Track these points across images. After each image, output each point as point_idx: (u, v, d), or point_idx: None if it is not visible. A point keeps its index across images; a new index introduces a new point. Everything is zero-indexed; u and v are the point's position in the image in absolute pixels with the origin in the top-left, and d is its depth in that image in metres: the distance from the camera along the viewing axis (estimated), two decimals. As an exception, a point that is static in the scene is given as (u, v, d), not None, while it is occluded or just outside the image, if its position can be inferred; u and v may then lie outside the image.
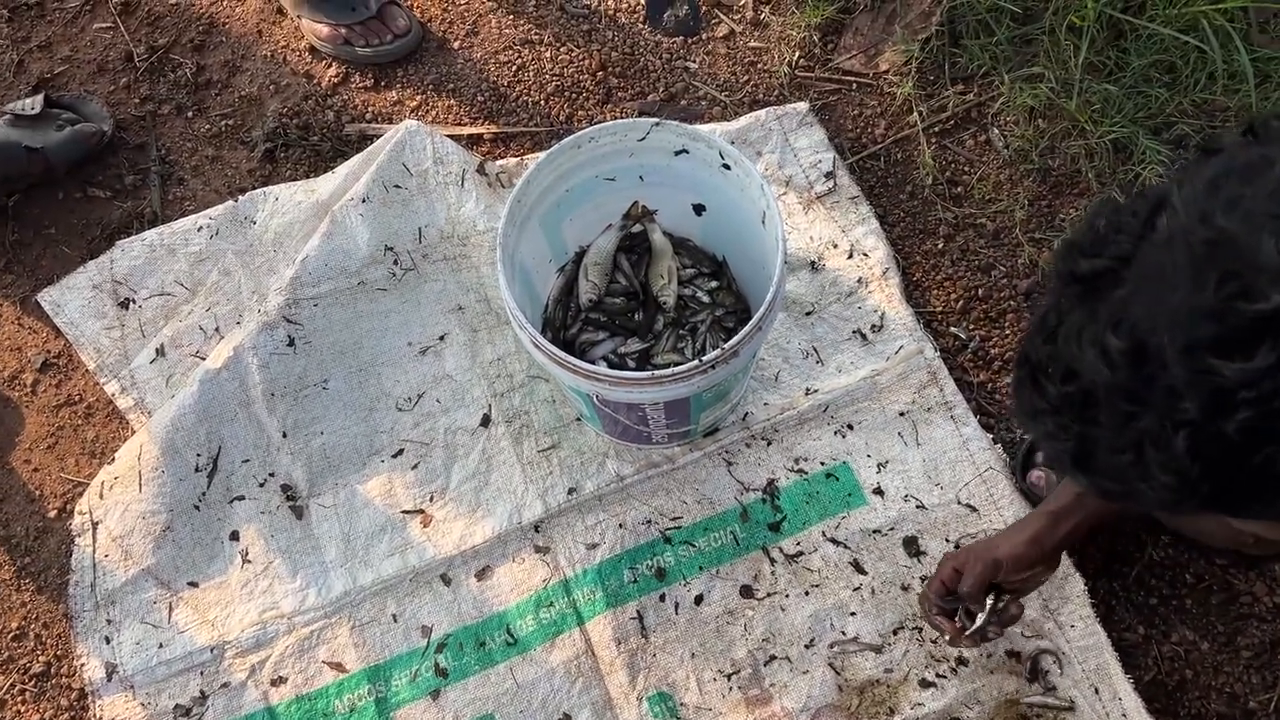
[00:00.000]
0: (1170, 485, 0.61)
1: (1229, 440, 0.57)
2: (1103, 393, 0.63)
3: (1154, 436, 0.60)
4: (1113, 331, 0.61)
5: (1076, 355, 0.64)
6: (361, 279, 1.63)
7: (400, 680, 1.45)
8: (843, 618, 1.46)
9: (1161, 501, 0.64)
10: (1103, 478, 0.67)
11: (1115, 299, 0.63)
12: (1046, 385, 0.68)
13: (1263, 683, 1.41)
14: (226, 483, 1.55)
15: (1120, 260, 0.64)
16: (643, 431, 1.47)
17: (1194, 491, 0.61)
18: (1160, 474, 0.61)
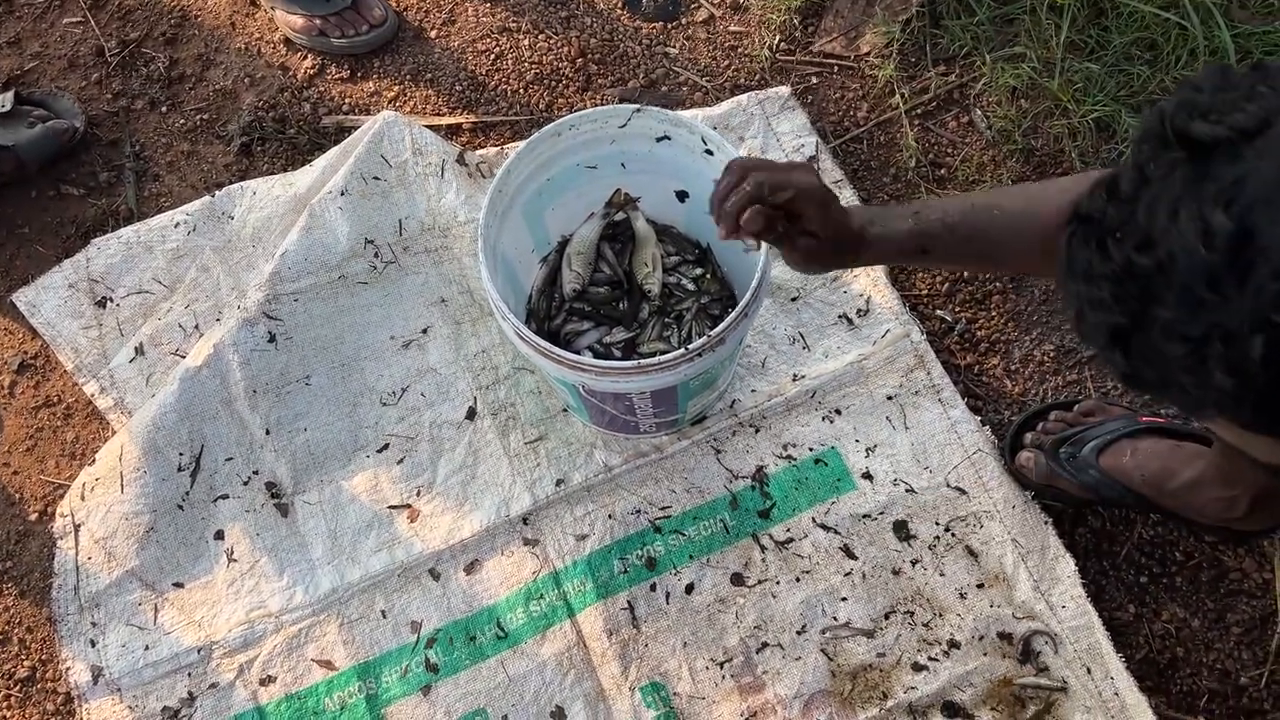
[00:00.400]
0: (1225, 388, 0.56)
1: None
2: (1184, 271, 0.57)
3: (1227, 333, 0.55)
4: (1222, 209, 0.55)
5: (1164, 225, 0.58)
6: (342, 273, 1.61)
7: (390, 677, 1.44)
8: (834, 603, 1.46)
9: (1200, 400, 0.59)
10: (1143, 362, 0.62)
11: (1228, 175, 0.56)
12: (1113, 249, 0.61)
13: (1253, 658, 1.41)
14: (210, 482, 1.53)
15: (1243, 133, 0.57)
16: (630, 421, 1.46)
17: (1245, 399, 0.56)
18: (1218, 372, 0.56)
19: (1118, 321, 0.62)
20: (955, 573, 1.46)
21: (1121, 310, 0.61)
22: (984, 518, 1.49)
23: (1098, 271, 0.62)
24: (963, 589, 1.45)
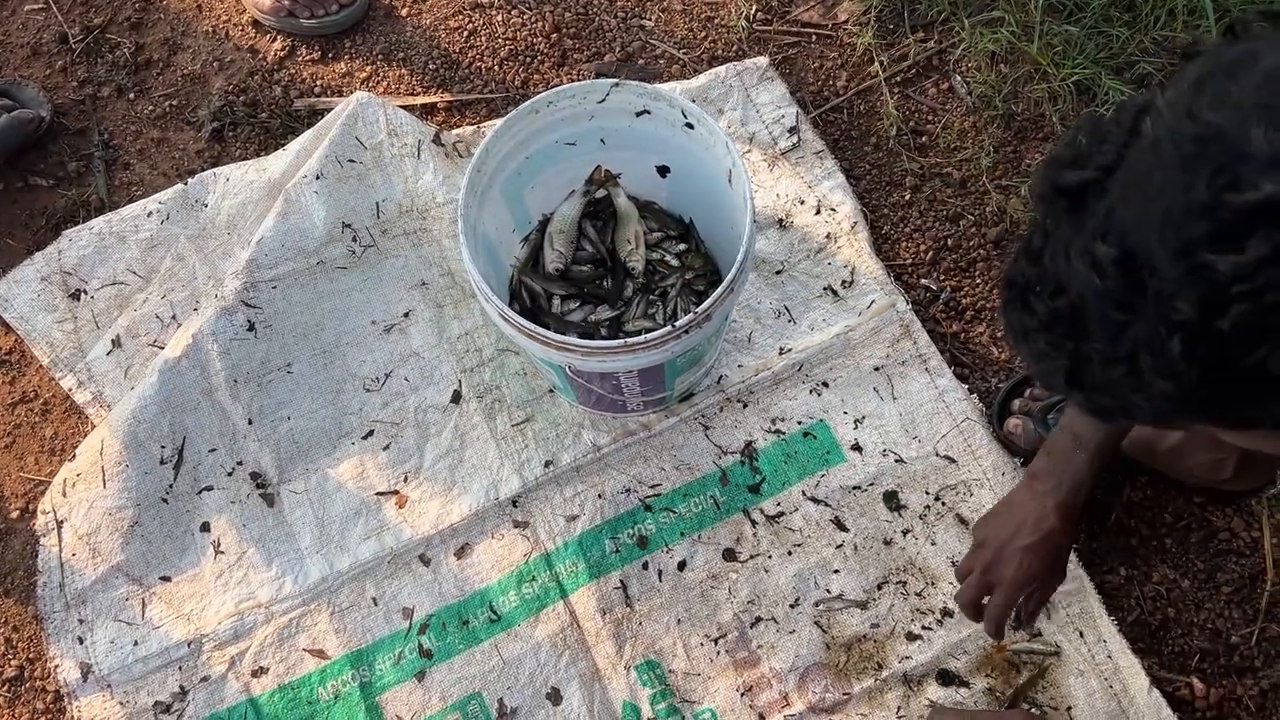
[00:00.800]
0: (1166, 393, 0.60)
1: (1224, 339, 0.56)
2: (1093, 304, 0.62)
3: (1148, 343, 0.59)
4: (1101, 240, 0.60)
5: (1065, 269, 0.63)
6: (320, 258, 1.59)
7: (384, 664, 1.43)
8: (826, 575, 1.46)
9: (1157, 412, 0.63)
10: (1098, 393, 0.66)
11: (1101, 209, 0.61)
12: (1035, 304, 0.66)
13: (1244, 617, 1.42)
14: (193, 474, 1.51)
15: (1105, 170, 0.62)
16: (617, 400, 1.45)
17: (1190, 398, 0.60)
18: (1156, 381, 0.60)
19: (1063, 365, 0.66)
20: (947, 541, 1.46)
21: (1061, 354, 0.66)
22: (974, 485, 1.49)
23: (1030, 327, 0.67)
24: (954, 557, 1.45)
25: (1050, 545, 1.25)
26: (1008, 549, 1.26)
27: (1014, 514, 1.28)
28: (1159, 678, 1.38)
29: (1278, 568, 1.43)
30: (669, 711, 1.39)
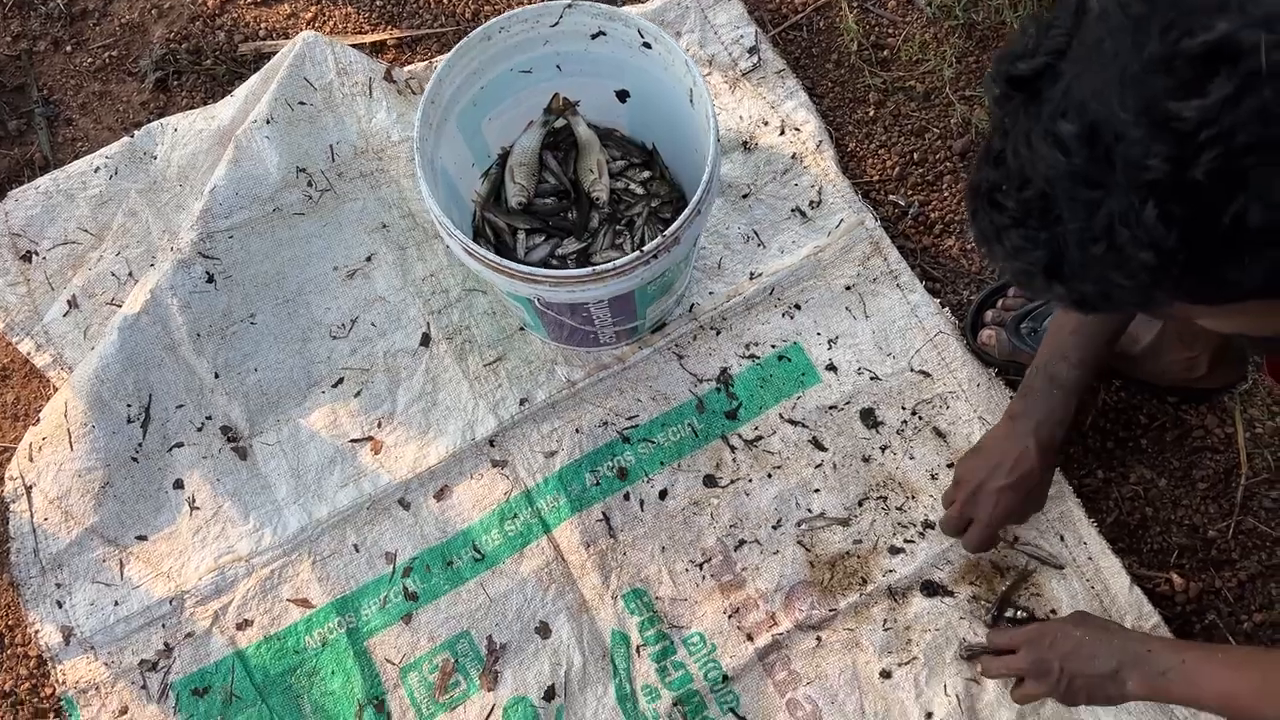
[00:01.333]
0: (1147, 264, 0.59)
1: (1199, 193, 0.56)
2: (1062, 186, 0.61)
3: (1123, 215, 0.59)
4: (1062, 119, 0.60)
5: (1028, 158, 0.63)
6: (276, 205, 1.55)
7: (370, 609, 1.42)
8: (807, 495, 1.46)
9: (1140, 290, 0.62)
10: (1078, 280, 0.65)
11: (1058, 91, 0.61)
12: (1004, 200, 0.66)
13: (1220, 511, 1.44)
14: (162, 431, 1.48)
15: (1056, 54, 0.62)
16: (589, 333, 1.43)
17: (1171, 267, 0.59)
18: (1136, 254, 0.59)
19: (1040, 258, 0.66)
20: (925, 455, 1.47)
21: (1036, 247, 0.65)
22: (950, 398, 1.49)
23: (1001, 225, 0.67)
24: (933, 470, 1.46)
25: (1026, 485, 1.29)
26: (985, 488, 1.31)
27: (992, 454, 1.32)
28: (1139, 575, 1.40)
29: (1252, 461, 1.45)
30: (658, 637, 1.40)
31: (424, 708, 1.38)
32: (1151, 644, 1.14)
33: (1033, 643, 1.25)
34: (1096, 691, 1.19)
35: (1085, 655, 1.18)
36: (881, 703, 1.37)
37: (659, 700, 1.37)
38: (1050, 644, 1.22)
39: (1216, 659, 1.08)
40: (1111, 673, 1.15)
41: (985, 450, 1.34)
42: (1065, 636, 1.22)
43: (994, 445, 1.32)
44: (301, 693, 1.40)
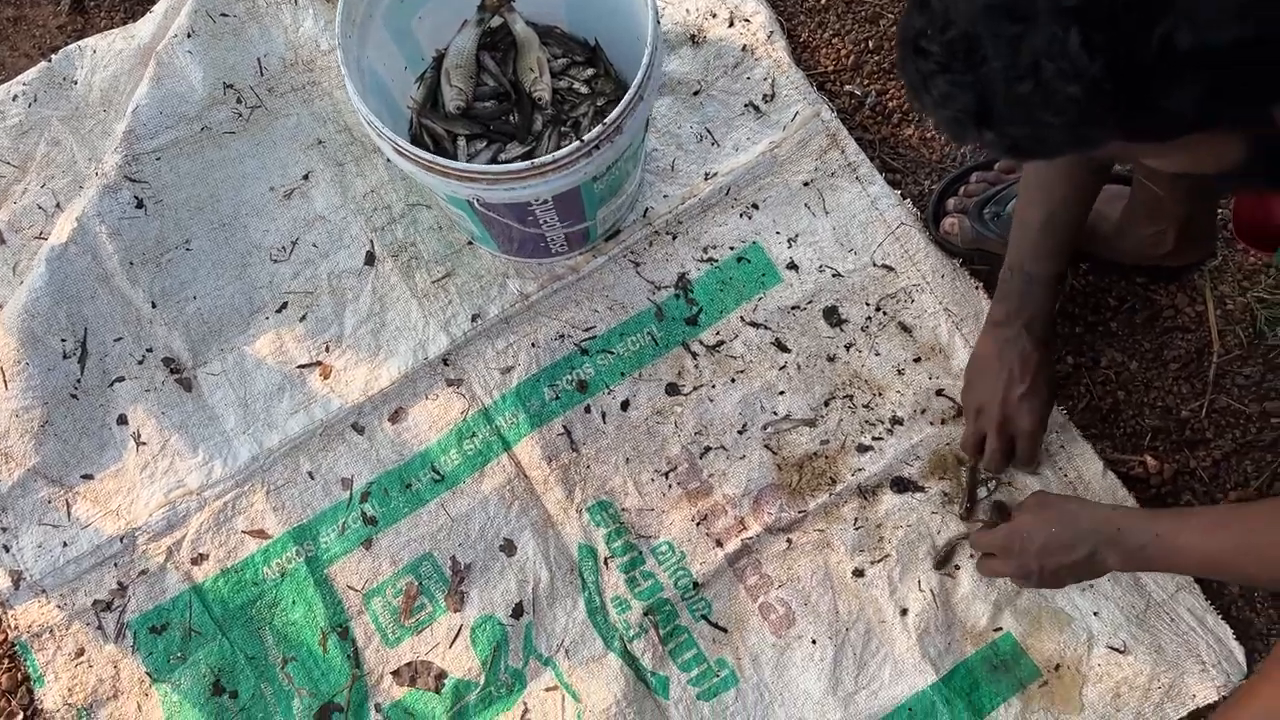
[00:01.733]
0: (1075, 98, 0.58)
1: (1122, 15, 0.54)
2: (985, 22, 0.60)
3: (1047, 47, 0.57)
4: None
5: (950, 1, 0.62)
6: (204, 124, 1.48)
7: (328, 536, 1.38)
8: (772, 398, 1.42)
9: (1072, 128, 0.61)
10: (1009, 124, 0.63)
11: None
12: (928, 46, 0.64)
13: (1192, 391, 1.41)
14: (101, 365, 1.43)
15: None
16: (540, 242, 1.38)
17: (1099, 100, 0.58)
18: (1063, 89, 0.58)
19: (967, 103, 0.64)
20: (890, 350, 1.43)
21: (964, 91, 0.64)
22: (914, 291, 1.45)
23: (927, 71, 0.65)
24: (900, 365, 1.42)
25: (1043, 382, 1.27)
26: (1010, 403, 1.28)
27: (999, 368, 1.28)
28: (1112, 460, 1.38)
29: (1224, 339, 1.42)
30: (626, 548, 1.37)
31: (389, 632, 1.35)
32: (1122, 521, 1.11)
33: (1007, 548, 1.22)
34: (1078, 574, 1.18)
35: (1060, 546, 1.15)
36: (855, 601, 1.35)
37: (629, 611, 1.34)
38: (1022, 547, 1.20)
39: (1190, 525, 1.06)
40: (1088, 556, 1.13)
41: (985, 369, 1.30)
42: (1037, 532, 1.18)
43: (994, 358, 1.29)
44: (263, 624, 1.36)
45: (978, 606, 1.33)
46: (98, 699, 1.33)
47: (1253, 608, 1.34)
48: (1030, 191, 1.22)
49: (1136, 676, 1.30)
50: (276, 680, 1.34)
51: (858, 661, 1.33)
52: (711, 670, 1.33)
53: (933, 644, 1.32)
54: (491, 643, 1.34)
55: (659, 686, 1.32)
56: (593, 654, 1.34)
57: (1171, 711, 1.29)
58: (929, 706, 1.31)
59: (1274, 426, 1.39)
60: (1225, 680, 1.29)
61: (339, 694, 1.33)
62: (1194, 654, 1.30)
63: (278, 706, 1.33)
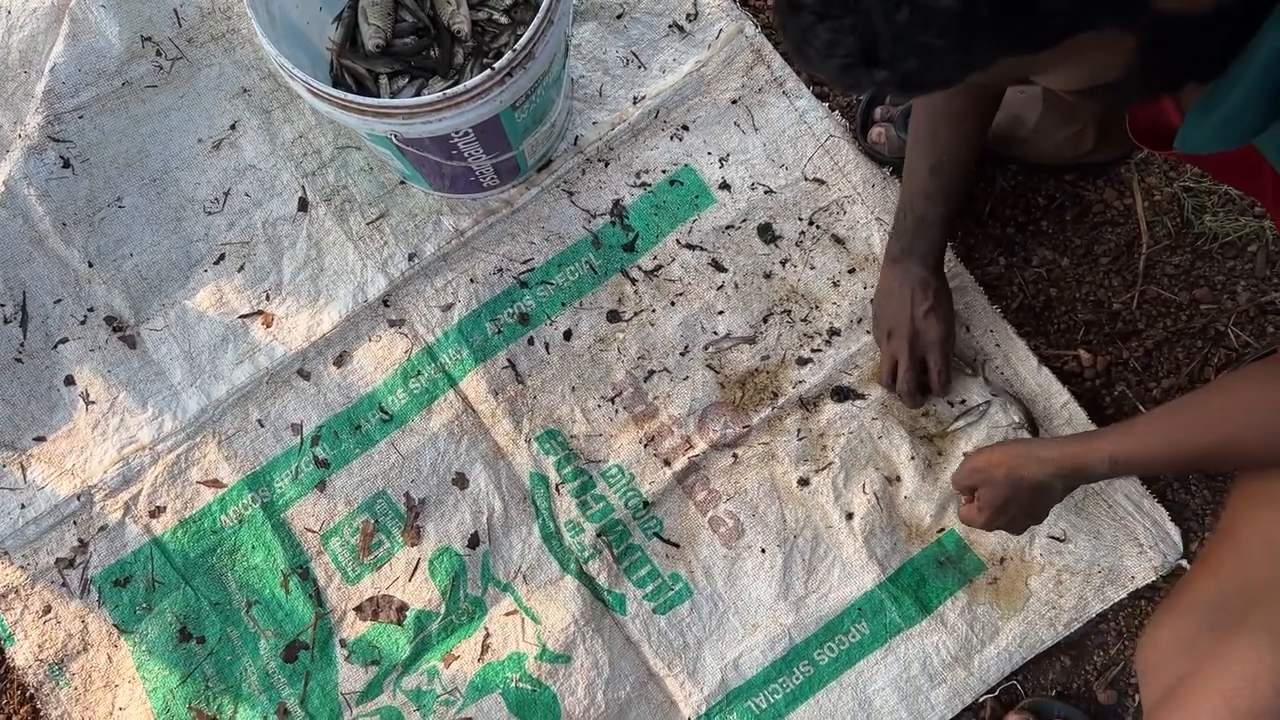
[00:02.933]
0: (953, 11, 0.58)
1: None
2: None
3: None
4: None
5: None
6: (125, 79, 1.47)
7: (283, 481, 1.41)
8: (711, 318, 1.44)
9: (958, 49, 0.61)
10: (898, 59, 0.63)
11: None
12: None
13: (1123, 283, 1.43)
14: (43, 328, 1.44)
15: None
16: (469, 176, 1.38)
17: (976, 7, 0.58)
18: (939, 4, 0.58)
19: (852, 45, 0.64)
20: (825, 263, 1.44)
21: (846, 35, 0.63)
22: (846, 203, 1.46)
23: (806, 25, 0.65)
24: (835, 277, 1.44)
25: (945, 302, 1.32)
26: (917, 319, 1.31)
27: (900, 295, 1.32)
28: (1046, 355, 1.40)
29: (1152, 230, 1.44)
30: (576, 474, 1.39)
31: (349, 570, 1.38)
32: (1075, 456, 1.09)
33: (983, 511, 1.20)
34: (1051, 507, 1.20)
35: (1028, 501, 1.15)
36: (802, 509, 1.38)
37: (583, 534, 1.37)
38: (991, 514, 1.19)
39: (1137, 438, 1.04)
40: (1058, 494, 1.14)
41: (889, 297, 1.34)
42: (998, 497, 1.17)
43: (896, 289, 1.33)
44: (224, 571, 1.39)
45: (921, 506, 1.37)
46: (68, 653, 1.36)
47: (1187, 490, 1.37)
48: (917, 136, 1.24)
49: (1077, 563, 1.34)
50: (242, 624, 1.37)
51: (807, 566, 1.36)
52: (666, 585, 1.37)
53: (879, 545, 1.35)
54: (450, 573, 1.37)
55: (616, 603, 1.36)
56: (549, 577, 1.37)
57: (1112, 594, 1.33)
58: (878, 604, 1.34)
59: (1204, 314, 1.42)
60: (1162, 561, 1.33)
61: (304, 633, 1.36)
62: (1131, 537, 1.34)
63: (245, 648, 1.36)
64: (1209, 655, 0.95)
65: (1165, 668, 1.02)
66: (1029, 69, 0.70)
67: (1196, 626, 1.01)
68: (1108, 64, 0.69)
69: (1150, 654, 1.06)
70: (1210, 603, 1.01)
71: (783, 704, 1.33)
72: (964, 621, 1.33)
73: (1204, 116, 0.72)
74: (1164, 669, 1.02)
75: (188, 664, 1.36)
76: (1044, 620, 1.33)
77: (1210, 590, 1.03)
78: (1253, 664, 0.90)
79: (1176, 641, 1.02)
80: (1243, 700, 0.89)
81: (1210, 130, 0.72)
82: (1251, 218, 1.42)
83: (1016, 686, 1.34)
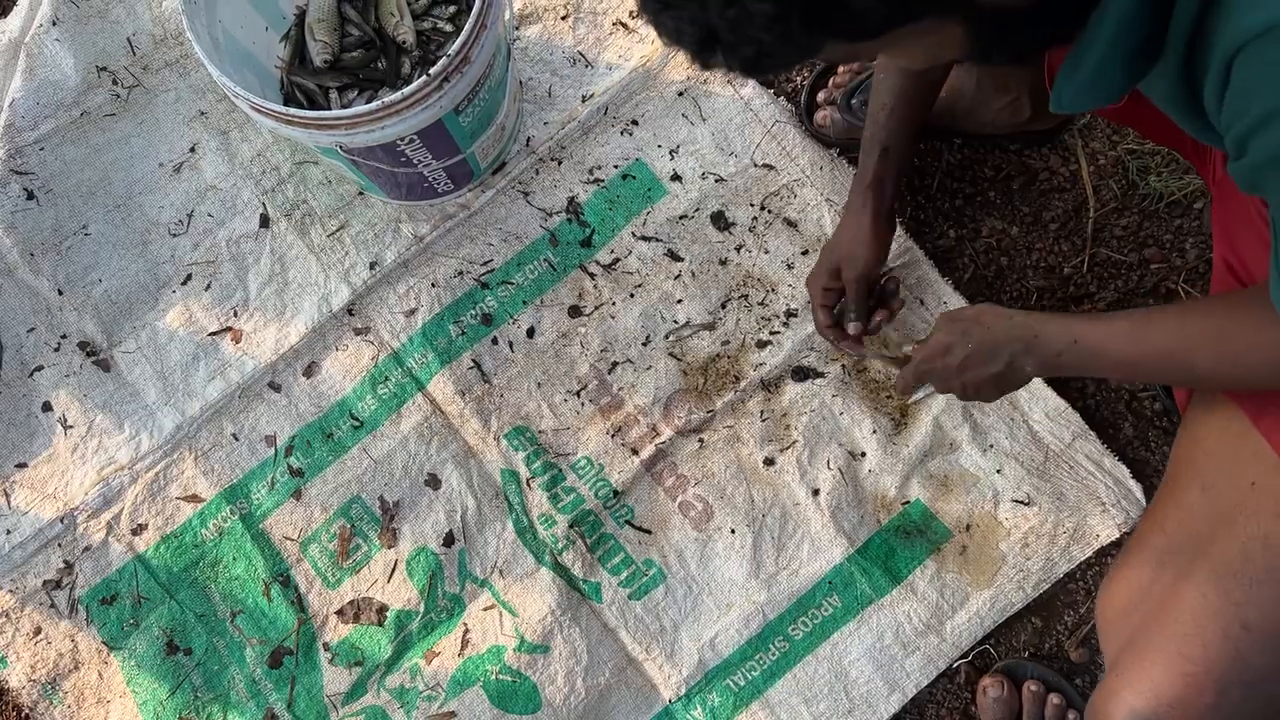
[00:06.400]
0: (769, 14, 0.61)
1: None
2: None
3: None
4: None
5: None
6: (83, 109, 1.50)
7: (259, 492, 1.43)
8: (671, 307, 1.46)
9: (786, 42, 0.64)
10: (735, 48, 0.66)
11: None
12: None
13: (1073, 248, 1.45)
14: (19, 357, 1.47)
15: None
16: (423, 183, 1.41)
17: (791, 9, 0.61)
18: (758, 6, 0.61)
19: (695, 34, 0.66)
20: (779, 247, 1.47)
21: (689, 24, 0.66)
22: (795, 186, 1.48)
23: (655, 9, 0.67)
24: (789, 260, 1.46)
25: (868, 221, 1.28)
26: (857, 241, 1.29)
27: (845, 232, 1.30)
28: (1000, 324, 1.42)
29: (1098, 194, 1.46)
30: (546, 468, 1.42)
31: (329, 575, 1.41)
32: (1038, 326, 1.08)
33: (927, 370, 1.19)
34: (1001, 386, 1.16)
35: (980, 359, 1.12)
36: (769, 489, 1.40)
37: (556, 526, 1.40)
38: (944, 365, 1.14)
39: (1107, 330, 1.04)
40: (1008, 365, 1.10)
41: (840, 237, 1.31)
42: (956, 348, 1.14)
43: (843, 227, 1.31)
44: (207, 583, 1.42)
45: (886, 479, 1.39)
46: (60, 672, 1.39)
47: (1147, 447, 1.39)
48: (875, 91, 1.25)
49: (1042, 525, 1.36)
50: (227, 633, 1.40)
51: (776, 544, 1.38)
52: (640, 571, 1.39)
53: (846, 519, 1.38)
54: (427, 572, 1.40)
55: (591, 592, 1.38)
56: (525, 570, 1.39)
57: (1078, 553, 1.35)
58: (848, 577, 1.37)
59: (1154, 273, 1.44)
60: (1125, 518, 1.34)
61: (288, 638, 1.39)
62: (1094, 497, 1.36)
63: (231, 657, 1.39)
64: (1160, 607, 0.98)
65: (1121, 622, 1.05)
66: (862, 53, 0.72)
67: (1148, 579, 1.03)
68: (942, 47, 0.71)
69: (1107, 610, 1.09)
70: (1158, 555, 1.04)
71: (761, 680, 1.35)
72: (934, 589, 1.36)
73: (1072, 75, 0.74)
74: (1120, 623, 1.05)
75: (176, 676, 1.39)
76: (1013, 583, 1.35)
77: (1158, 542, 1.05)
78: (1200, 612, 0.93)
79: (1130, 596, 1.05)
80: (1194, 648, 0.92)
81: (1079, 89, 0.74)
82: (1195, 175, 1.44)
83: (990, 650, 1.36)
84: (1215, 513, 0.99)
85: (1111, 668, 1.03)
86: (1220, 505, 0.99)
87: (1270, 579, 0.90)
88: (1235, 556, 0.93)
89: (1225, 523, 0.96)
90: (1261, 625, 0.90)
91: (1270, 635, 0.90)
